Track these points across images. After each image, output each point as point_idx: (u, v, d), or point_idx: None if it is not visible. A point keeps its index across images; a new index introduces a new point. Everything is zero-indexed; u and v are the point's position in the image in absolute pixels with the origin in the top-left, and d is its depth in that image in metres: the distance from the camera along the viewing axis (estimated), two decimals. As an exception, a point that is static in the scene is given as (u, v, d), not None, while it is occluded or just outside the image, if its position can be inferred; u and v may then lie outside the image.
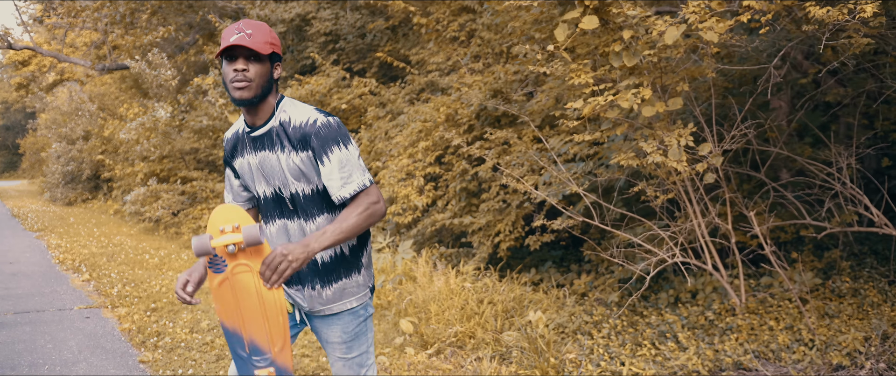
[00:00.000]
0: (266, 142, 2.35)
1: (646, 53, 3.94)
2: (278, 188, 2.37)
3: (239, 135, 2.44)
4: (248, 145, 2.39)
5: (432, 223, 6.76)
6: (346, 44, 10.68)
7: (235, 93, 2.27)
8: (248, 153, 2.40)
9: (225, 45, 2.24)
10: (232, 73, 2.26)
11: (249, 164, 2.40)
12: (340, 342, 2.46)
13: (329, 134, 2.26)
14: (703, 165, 4.11)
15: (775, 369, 4.32)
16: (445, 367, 4.66)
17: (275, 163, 2.34)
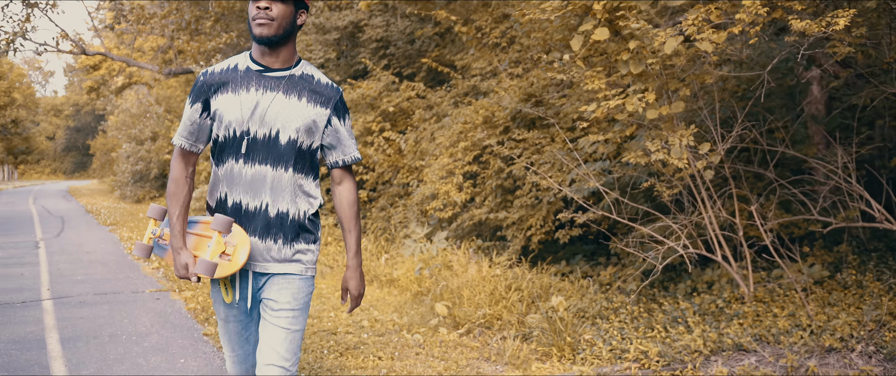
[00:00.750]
0: (282, 84, 2.38)
1: (649, 61, 4.39)
2: (275, 131, 2.36)
3: (239, 71, 2.40)
4: (254, 82, 2.36)
5: (470, 217, 7.27)
6: (396, 49, 11.28)
7: (256, 29, 2.31)
8: (252, 90, 2.36)
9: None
10: (255, 11, 2.30)
11: (248, 101, 2.35)
12: (289, 308, 2.41)
13: (345, 102, 2.47)
14: (702, 163, 4.53)
15: (772, 350, 4.71)
16: (473, 345, 5.18)
17: (284, 107, 2.36)
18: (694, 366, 4.53)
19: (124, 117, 23.92)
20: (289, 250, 2.42)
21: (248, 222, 2.38)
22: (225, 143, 2.38)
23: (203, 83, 2.40)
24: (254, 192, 2.38)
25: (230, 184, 2.39)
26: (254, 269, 2.41)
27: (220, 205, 2.43)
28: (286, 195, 2.39)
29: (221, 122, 2.37)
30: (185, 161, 2.46)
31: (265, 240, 2.40)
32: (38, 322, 5.87)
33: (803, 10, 4.04)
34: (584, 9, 4.71)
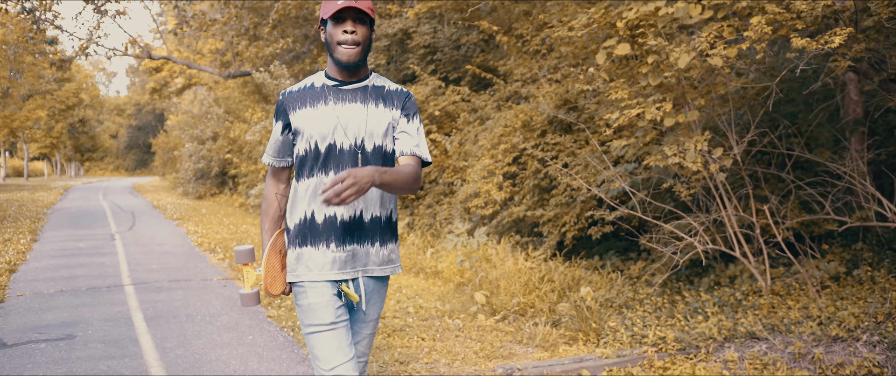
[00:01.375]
0: (359, 96, 2.43)
1: (666, 74, 4.87)
2: (360, 141, 2.41)
3: (314, 87, 2.46)
4: (332, 96, 2.42)
5: (509, 215, 7.80)
6: (443, 55, 11.86)
7: (344, 55, 2.36)
8: (331, 103, 2.41)
9: (336, 8, 2.32)
10: (341, 35, 2.34)
11: (329, 114, 2.41)
12: (376, 318, 2.58)
13: (415, 103, 2.53)
14: (715, 166, 4.99)
15: (782, 339, 5.13)
16: (508, 329, 5.73)
17: (363, 117, 2.41)
18: (707, 351, 4.99)
19: (186, 118, 25.05)
20: (385, 252, 2.50)
21: (346, 232, 2.40)
22: (306, 157, 2.42)
23: (282, 102, 2.48)
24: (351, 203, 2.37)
25: (317, 197, 2.40)
26: (348, 277, 2.44)
27: (309, 221, 2.42)
28: (375, 200, 2.44)
29: (303, 137, 2.42)
30: (274, 178, 2.56)
31: (364, 245, 2.44)
32: (123, 303, 6.63)
33: (804, 28, 4.47)
34: (608, 26, 5.21)
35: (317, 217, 2.41)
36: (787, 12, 4.48)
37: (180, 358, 4.93)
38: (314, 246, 2.41)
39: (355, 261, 2.44)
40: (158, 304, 6.61)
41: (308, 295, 2.41)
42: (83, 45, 19.89)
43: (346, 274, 2.43)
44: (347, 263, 2.42)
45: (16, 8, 19.89)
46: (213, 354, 5.00)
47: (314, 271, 2.41)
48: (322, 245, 2.40)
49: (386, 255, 2.50)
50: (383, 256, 2.49)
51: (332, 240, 2.40)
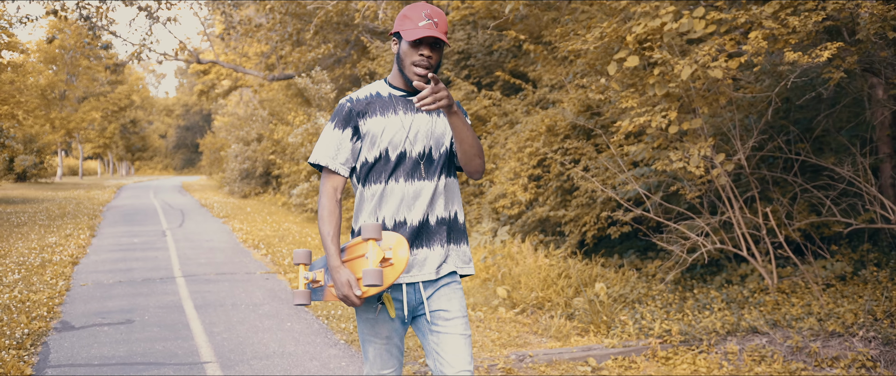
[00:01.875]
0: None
1: (671, 85, 5.26)
2: (428, 149, 2.48)
3: (382, 96, 2.52)
4: (401, 106, 2.49)
5: (534, 215, 8.22)
6: (476, 61, 12.30)
7: (416, 77, 2.41)
8: (400, 112, 2.47)
9: (418, 35, 2.37)
10: (418, 58, 2.40)
11: (399, 123, 2.47)
12: (461, 314, 2.50)
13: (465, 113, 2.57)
14: (717, 170, 5.35)
15: (782, 333, 5.47)
16: (526, 321, 6.15)
17: (430, 126, 2.48)
18: (709, 344, 5.36)
19: (232, 119, 25.94)
20: (455, 250, 2.54)
21: (415, 236, 2.46)
22: (376, 164, 2.49)
23: (351, 109, 2.51)
24: (414, 207, 2.46)
25: (386, 203, 2.47)
26: (420, 279, 2.47)
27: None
28: (441, 202, 2.50)
29: (374, 145, 2.48)
30: (332, 183, 2.53)
31: (433, 248, 2.48)
32: (175, 293, 7.24)
33: (797, 43, 4.82)
34: (619, 39, 5.61)
35: (387, 222, 2.46)
36: (782, 27, 4.84)
37: (226, 340, 5.48)
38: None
39: (423, 265, 2.47)
40: (206, 294, 7.19)
41: (370, 308, 2.49)
42: (137, 50, 20.83)
43: (412, 277, 2.45)
44: (413, 267, 2.46)
45: (73, 15, 20.88)
46: (255, 338, 5.54)
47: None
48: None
49: (453, 255, 2.54)
50: (451, 255, 2.52)
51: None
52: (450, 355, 2.44)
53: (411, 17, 2.40)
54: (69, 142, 48.33)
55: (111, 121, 48.38)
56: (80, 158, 48.56)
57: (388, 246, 2.35)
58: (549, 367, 4.93)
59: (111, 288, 7.60)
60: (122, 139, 56.48)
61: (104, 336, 5.66)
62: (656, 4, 5.46)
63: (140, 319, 6.19)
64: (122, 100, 47.41)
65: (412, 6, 2.44)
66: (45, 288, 7.45)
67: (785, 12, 4.88)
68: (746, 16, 5.01)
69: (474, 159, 2.49)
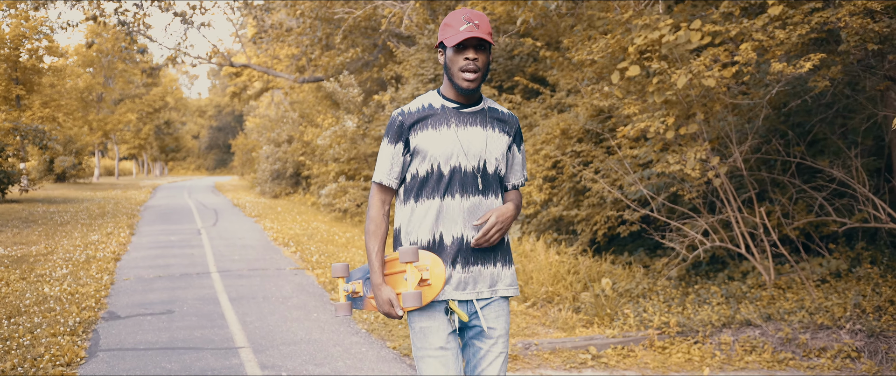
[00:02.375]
0: (478, 119, 2.47)
1: (668, 93, 5.65)
2: (482, 163, 2.45)
3: (434, 109, 2.47)
4: (454, 119, 2.45)
5: (548, 214, 8.63)
6: (498, 65, 12.73)
7: (465, 82, 2.38)
8: (453, 126, 2.43)
9: (459, 37, 2.34)
10: (463, 62, 2.36)
11: (452, 136, 2.43)
12: (505, 333, 2.51)
13: (520, 129, 2.57)
14: (712, 173, 5.74)
15: (774, 325, 5.83)
16: (535, 314, 6.58)
17: (484, 140, 2.44)
18: (704, 335, 5.74)
19: (264, 121, 26.64)
20: (505, 272, 2.53)
21: (470, 253, 2.44)
22: (428, 179, 2.45)
23: (402, 122, 2.47)
24: (471, 223, 2.44)
25: (443, 219, 2.44)
26: (478, 296, 2.47)
27: (436, 243, 2.45)
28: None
29: (425, 158, 2.44)
30: (381, 196, 2.51)
31: (487, 266, 2.47)
32: (211, 287, 7.79)
33: (783, 54, 5.19)
34: (622, 50, 6.01)
35: (444, 238, 2.43)
36: (770, 39, 5.21)
37: (258, 329, 5.99)
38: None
39: (477, 282, 2.46)
40: (240, 288, 7.73)
41: (423, 317, 2.44)
42: (172, 54, 21.59)
43: (467, 294, 2.45)
44: (469, 284, 2.45)
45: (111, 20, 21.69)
46: (284, 327, 6.04)
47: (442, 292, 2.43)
48: (448, 266, 2.42)
49: (505, 276, 2.52)
50: (502, 276, 2.51)
51: (458, 261, 2.42)
52: (487, 371, 2.48)
53: (452, 23, 2.38)
54: (105, 143, 49.57)
55: (146, 122, 49.58)
56: (116, 159, 49.80)
57: (424, 266, 2.37)
58: (553, 354, 5.36)
59: (152, 282, 8.18)
60: (156, 140, 57.70)
61: (147, 324, 6.21)
62: (656, 17, 5.86)
63: (179, 310, 6.73)
64: (156, 101, 48.57)
65: (452, 14, 2.42)
66: (92, 282, 8.04)
67: (773, 25, 5.25)
68: (738, 28, 5.39)
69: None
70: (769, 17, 5.28)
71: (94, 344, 5.63)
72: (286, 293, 7.49)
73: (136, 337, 5.80)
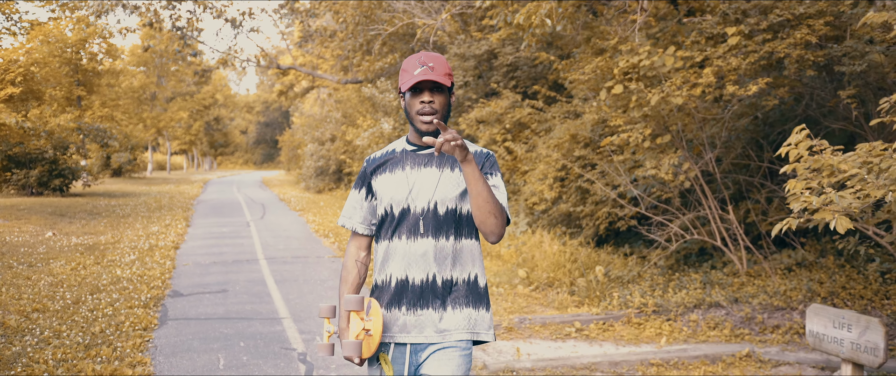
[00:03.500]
0: (435, 160, 2.43)
1: (644, 108, 6.63)
2: (432, 205, 2.40)
3: (394, 154, 2.49)
4: (409, 161, 2.44)
5: (558, 210, 9.63)
6: (522, 72, 13.73)
7: (423, 125, 2.37)
8: (408, 168, 2.43)
9: (412, 81, 2.33)
10: (419, 105, 2.36)
11: (405, 179, 2.43)
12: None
13: (495, 161, 2.46)
14: (682, 176, 6.69)
15: (738, 307, 6.76)
16: (537, 296, 7.61)
17: (436, 181, 2.40)
18: (677, 314, 6.70)
19: (309, 120, 28.04)
20: (458, 317, 2.41)
21: (415, 295, 2.40)
22: (384, 221, 2.46)
23: (365, 169, 2.52)
24: (419, 265, 2.40)
25: (394, 259, 2.43)
26: (418, 341, 2.41)
27: (386, 282, 2.44)
28: (449, 262, 2.40)
29: (382, 202, 2.46)
30: (355, 243, 2.54)
31: (436, 309, 2.40)
32: (259, 271, 8.99)
33: (736, 79, 6.13)
34: (608, 71, 7.00)
35: (390, 279, 2.43)
36: (727, 65, 6.16)
37: (298, 304, 7.14)
38: (387, 308, 2.43)
39: (424, 326, 2.40)
40: (284, 272, 8.92)
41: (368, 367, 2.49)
42: (223, 57, 23.06)
43: (412, 337, 2.41)
44: (413, 328, 2.41)
45: (166, 25, 23.20)
46: (320, 303, 7.18)
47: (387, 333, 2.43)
48: (394, 308, 2.42)
49: (460, 321, 2.41)
50: (457, 322, 2.41)
51: (403, 303, 2.41)
52: None
53: (408, 68, 2.39)
54: (158, 139, 51.76)
55: (196, 119, 51.63)
56: (168, 154, 51.91)
57: (369, 317, 2.36)
58: (543, 328, 6.39)
59: (208, 267, 9.42)
60: (206, 135, 59.82)
61: (206, 300, 7.41)
62: (638, 43, 6.84)
63: (232, 289, 7.93)
64: (206, 99, 50.59)
65: (408, 59, 2.42)
66: (157, 267, 9.31)
67: (731, 53, 6.20)
68: (703, 55, 6.34)
69: (489, 218, 2.31)
70: (728, 46, 6.23)
71: (164, 314, 6.84)
72: (323, 277, 8.65)
73: (198, 309, 7.00)
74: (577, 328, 6.42)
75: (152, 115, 40.28)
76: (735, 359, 5.53)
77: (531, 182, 10.14)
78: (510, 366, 5.25)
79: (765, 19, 6.13)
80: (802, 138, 3.90)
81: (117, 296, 7.44)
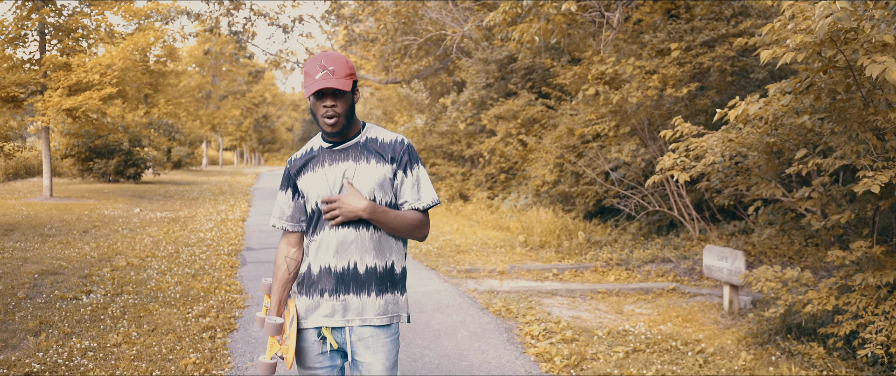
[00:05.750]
0: (350, 154, 2.52)
1: (609, 106, 8.62)
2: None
3: (314, 152, 2.58)
4: (327, 158, 2.54)
5: (557, 190, 11.63)
6: (537, 75, 15.72)
7: (328, 127, 2.45)
8: (326, 165, 2.52)
9: (314, 87, 2.39)
10: (323, 109, 2.44)
11: (325, 175, 2.51)
12: (383, 370, 2.52)
13: (414, 152, 2.55)
14: (639, 159, 8.66)
15: (683, 261, 8.70)
16: (530, 254, 9.64)
17: (356, 173, 2.49)
18: (634, 266, 8.67)
19: (352, 117, 30.31)
20: (381, 302, 2.53)
21: (340, 282, 2.50)
22: (312, 216, 2.54)
23: (288, 170, 2.61)
24: (340, 254, 2.48)
25: (319, 251, 2.51)
26: (346, 325, 2.52)
27: (307, 273, 2.56)
28: (371, 251, 2.49)
29: (309, 199, 2.54)
30: (285, 241, 2.64)
31: (359, 295, 2.50)
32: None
33: (674, 84, 8.10)
34: (585, 75, 9.01)
35: (313, 268, 2.53)
36: (669, 72, 8.11)
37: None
38: (309, 295, 2.53)
39: (346, 311, 2.51)
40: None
41: (299, 341, 2.56)
42: (275, 59, 25.46)
43: (336, 321, 2.51)
44: (337, 312, 2.51)
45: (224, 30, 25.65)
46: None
47: (306, 318, 2.53)
48: (316, 294, 2.52)
49: (382, 305, 2.54)
50: (379, 306, 2.52)
51: (325, 289, 2.50)
52: None
53: (310, 72, 2.43)
54: (210, 135, 54.74)
55: (246, 116, 54.48)
56: (220, 149, 54.86)
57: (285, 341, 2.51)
58: (528, 272, 8.43)
59: (271, 233, 11.64)
60: (254, 132, 62.74)
61: (273, 252, 9.59)
62: (606, 56, 8.82)
63: (293, 247, 10.11)
64: (256, 97, 53.39)
65: (311, 60, 2.45)
66: (230, 232, 11.57)
67: (673, 64, 8.15)
68: (652, 65, 8.30)
69: (412, 235, 2.54)
70: (672, 58, 8.18)
71: (243, 260, 9.04)
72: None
73: (268, 257, 9.19)
74: (554, 273, 8.44)
75: (207, 113, 43.09)
76: (663, 292, 7.50)
77: (537, 168, 12.15)
78: (494, 289, 7.32)
79: (699, 36, 8.09)
80: (680, 124, 5.87)
81: (206, 249, 9.68)
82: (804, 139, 5.18)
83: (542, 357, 5.10)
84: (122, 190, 19.60)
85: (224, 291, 7.04)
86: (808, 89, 4.48)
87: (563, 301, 7.08)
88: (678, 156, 5.63)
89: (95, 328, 5.58)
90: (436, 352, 5.16)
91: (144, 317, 5.95)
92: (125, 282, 7.29)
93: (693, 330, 5.92)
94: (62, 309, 6.10)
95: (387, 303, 2.53)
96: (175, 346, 5.15)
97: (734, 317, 6.39)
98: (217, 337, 5.44)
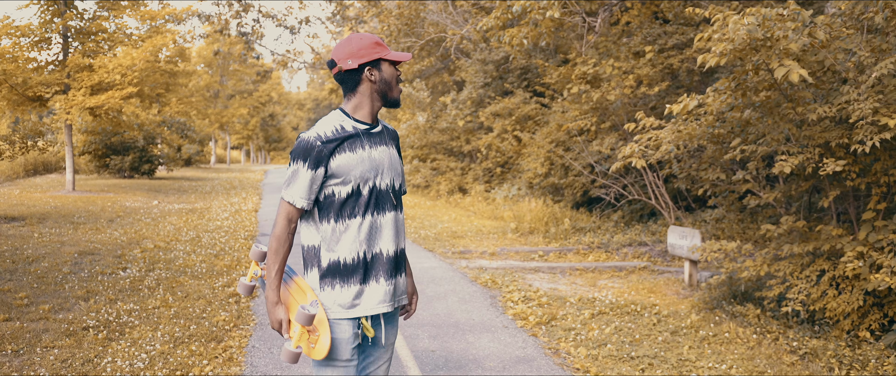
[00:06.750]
0: (384, 139, 2.57)
1: (590, 103, 9.50)
2: (391, 179, 2.54)
3: (347, 131, 2.49)
4: (367, 141, 2.51)
5: (548, 182, 12.51)
6: (532, 75, 16.59)
7: (399, 95, 2.55)
8: (367, 147, 2.50)
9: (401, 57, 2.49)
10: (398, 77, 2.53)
11: (369, 157, 2.49)
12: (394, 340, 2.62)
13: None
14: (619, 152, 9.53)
15: (658, 245, 9.57)
16: (521, 239, 10.52)
17: (389, 159, 2.55)
18: (613, 248, 9.54)
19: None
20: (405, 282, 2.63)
21: (393, 266, 2.52)
22: (348, 200, 2.46)
23: (321, 148, 2.44)
24: (392, 239, 2.51)
25: (370, 237, 2.47)
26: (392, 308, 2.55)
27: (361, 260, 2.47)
28: (403, 234, 2.59)
29: (343, 181, 2.45)
30: (291, 218, 2.49)
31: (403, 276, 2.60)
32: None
33: (649, 83, 8.97)
34: (570, 75, 9.88)
35: (373, 254, 2.49)
36: (642, 73, 8.98)
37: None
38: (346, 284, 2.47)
39: (396, 293, 2.57)
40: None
41: (335, 331, 2.48)
42: (283, 59, 26.39)
43: (385, 307, 2.53)
44: (389, 297, 2.54)
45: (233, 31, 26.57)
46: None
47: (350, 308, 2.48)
48: (373, 281, 2.50)
49: (408, 286, 2.69)
50: (406, 288, 2.65)
51: (387, 273, 2.51)
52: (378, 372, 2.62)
53: (377, 42, 2.49)
54: (218, 133, 55.72)
55: (253, 115, 55.45)
56: (228, 147, 55.85)
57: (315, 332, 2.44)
58: (516, 254, 9.31)
59: (282, 223, 12.53)
60: (261, 131, 63.71)
61: (286, 238, 10.50)
62: (588, 57, 9.70)
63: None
64: (263, 96, 54.37)
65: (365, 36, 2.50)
66: (246, 221, 12.48)
67: (647, 65, 9.02)
68: (628, 66, 9.17)
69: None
70: (646, 60, 9.04)
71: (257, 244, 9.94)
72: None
73: (281, 242, 10.09)
74: (540, 255, 9.32)
75: (216, 111, 44.05)
76: (635, 269, 8.37)
77: (529, 162, 13.03)
78: (483, 267, 8.22)
79: (670, 39, 8.96)
80: (643, 118, 6.75)
81: (224, 234, 10.59)
82: (743, 130, 6.05)
83: (519, 316, 5.99)
84: (138, 185, 20.56)
85: (244, 267, 7.94)
86: (736, 88, 5.36)
87: (544, 276, 7.96)
88: (639, 145, 6.50)
89: (135, 295, 6.48)
90: (429, 313, 6.06)
91: (177, 287, 6.85)
92: (155, 261, 8.20)
93: (655, 299, 6.80)
94: (104, 282, 7.00)
95: (406, 284, 2.64)
96: (206, 308, 6.05)
97: (693, 289, 7.26)
98: (242, 301, 6.34)
